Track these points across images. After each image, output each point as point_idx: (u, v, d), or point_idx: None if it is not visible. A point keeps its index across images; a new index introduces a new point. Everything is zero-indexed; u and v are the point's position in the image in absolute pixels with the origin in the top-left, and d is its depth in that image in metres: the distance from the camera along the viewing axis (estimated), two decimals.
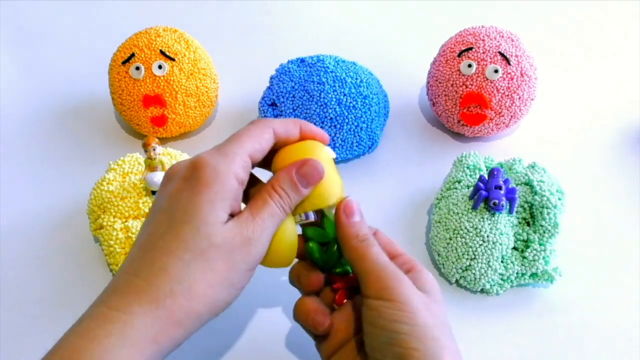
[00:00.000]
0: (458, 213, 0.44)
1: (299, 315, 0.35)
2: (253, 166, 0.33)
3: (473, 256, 0.43)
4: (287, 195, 0.32)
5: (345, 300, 0.35)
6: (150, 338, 0.28)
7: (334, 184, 0.34)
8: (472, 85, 0.51)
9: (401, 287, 0.31)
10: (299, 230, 0.35)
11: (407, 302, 0.30)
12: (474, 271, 0.43)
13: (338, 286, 0.35)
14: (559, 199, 0.44)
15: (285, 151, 0.34)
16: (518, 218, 0.44)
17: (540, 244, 0.43)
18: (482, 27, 0.53)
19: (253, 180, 0.36)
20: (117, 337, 0.27)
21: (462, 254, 0.43)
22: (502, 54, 0.51)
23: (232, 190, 0.31)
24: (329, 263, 0.35)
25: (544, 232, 0.43)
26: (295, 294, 0.37)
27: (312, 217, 0.34)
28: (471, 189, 0.46)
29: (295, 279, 0.36)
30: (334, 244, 0.34)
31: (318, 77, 0.51)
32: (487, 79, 0.50)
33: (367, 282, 0.31)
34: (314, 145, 0.34)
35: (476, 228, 0.43)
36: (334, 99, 0.50)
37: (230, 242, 0.30)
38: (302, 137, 0.35)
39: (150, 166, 0.44)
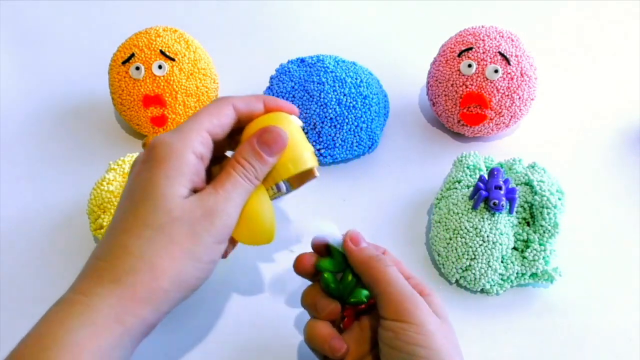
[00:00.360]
0: (458, 213, 0.44)
1: (313, 340, 0.34)
2: (218, 143, 0.33)
3: (473, 256, 0.43)
4: (251, 166, 0.32)
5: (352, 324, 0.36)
6: (112, 317, 0.28)
7: (304, 151, 0.33)
8: (472, 85, 0.51)
9: (417, 309, 0.31)
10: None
11: (424, 325, 0.30)
12: (474, 271, 0.43)
13: (348, 313, 0.35)
14: (559, 199, 0.44)
15: (250, 125, 0.34)
16: (518, 218, 0.44)
17: (540, 244, 0.43)
18: (482, 27, 0.53)
19: (225, 161, 0.36)
20: (78, 318, 0.28)
21: (462, 254, 0.43)
22: (502, 54, 0.51)
23: (189, 165, 0.31)
24: (345, 292, 0.34)
25: (544, 232, 0.43)
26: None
27: (283, 189, 0.33)
28: (471, 189, 0.46)
29: (309, 306, 0.35)
30: (348, 273, 0.34)
31: (318, 77, 0.51)
32: (487, 79, 0.50)
33: (386, 303, 0.31)
34: (279, 115, 0.34)
35: (476, 228, 0.43)
36: (334, 99, 0.50)
37: (191, 215, 0.30)
38: (267, 111, 0.34)
39: None
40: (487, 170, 0.48)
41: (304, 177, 0.35)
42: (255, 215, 0.32)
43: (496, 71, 0.50)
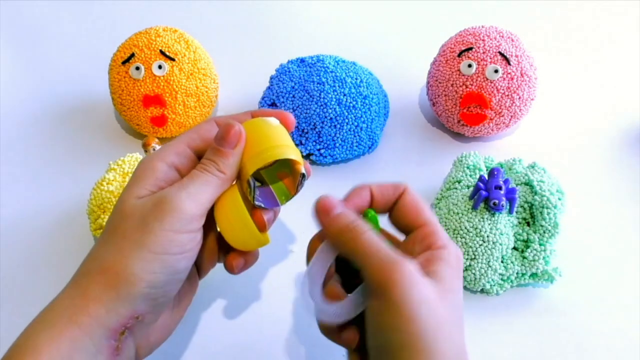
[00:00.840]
0: (458, 213, 0.44)
1: (326, 330, 0.32)
2: (202, 156, 0.33)
3: (473, 256, 0.43)
4: (210, 160, 0.32)
5: None
6: (66, 318, 0.28)
7: (278, 144, 0.32)
8: (472, 85, 0.51)
9: (394, 284, 0.26)
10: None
11: (402, 303, 0.26)
12: (474, 271, 0.43)
13: None
14: (559, 199, 0.44)
15: None
16: (518, 218, 0.44)
17: (540, 244, 0.43)
18: (482, 27, 0.53)
19: None
20: (38, 322, 0.28)
21: (462, 254, 0.43)
22: (502, 54, 0.51)
23: (155, 171, 0.31)
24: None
25: (544, 232, 0.43)
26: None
27: (252, 184, 0.32)
28: (471, 189, 0.46)
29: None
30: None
31: (318, 77, 0.51)
32: (487, 79, 0.50)
33: (364, 277, 0.28)
34: (253, 120, 0.34)
35: (476, 228, 0.43)
36: (334, 99, 0.50)
37: (142, 208, 0.30)
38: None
39: None
40: (487, 170, 0.48)
41: (294, 178, 0.34)
42: (230, 215, 0.33)
43: (496, 71, 0.50)
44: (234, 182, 0.33)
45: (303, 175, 0.33)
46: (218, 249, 0.36)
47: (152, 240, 0.29)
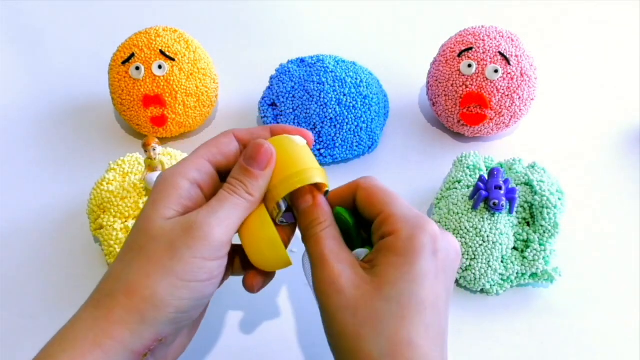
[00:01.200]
0: (458, 213, 0.44)
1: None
2: (221, 171, 0.33)
3: (473, 256, 0.43)
4: (238, 181, 0.31)
5: None
6: (90, 340, 0.27)
7: (307, 167, 0.32)
8: (472, 85, 0.51)
9: (322, 293, 0.29)
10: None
11: (324, 310, 0.29)
12: (474, 271, 0.43)
13: None
14: (559, 199, 0.44)
15: None
16: (518, 218, 0.44)
17: (540, 244, 0.43)
18: (482, 27, 0.53)
19: None
20: (60, 344, 0.27)
21: (462, 254, 0.43)
22: (502, 54, 0.51)
23: (178, 189, 0.30)
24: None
25: (544, 232, 0.43)
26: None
27: (283, 207, 0.32)
28: (471, 189, 0.46)
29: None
30: (354, 231, 0.32)
31: (318, 77, 0.51)
32: (487, 79, 0.50)
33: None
34: (279, 137, 0.33)
35: (476, 228, 0.43)
36: (334, 99, 0.50)
37: (171, 232, 0.29)
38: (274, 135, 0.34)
39: (150, 166, 0.44)
40: (487, 170, 0.48)
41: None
42: (256, 236, 0.32)
43: (496, 71, 0.50)
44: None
45: (326, 192, 0.33)
46: (241, 267, 0.35)
47: (182, 268, 0.28)
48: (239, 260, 0.35)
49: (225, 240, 0.30)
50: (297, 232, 0.45)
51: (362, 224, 0.32)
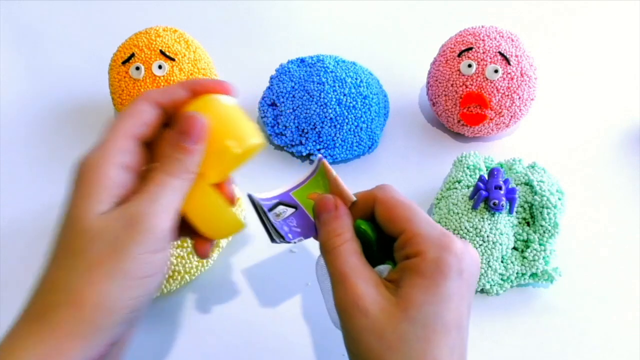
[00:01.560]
0: (458, 213, 0.44)
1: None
2: (147, 141, 0.30)
3: None
4: (174, 159, 0.28)
5: None
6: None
7: (243, 128, 0.30)
8: (472, 85, 0.51)
9: (345, 313, 0.27)
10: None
11: (347, 331, 0.27)
12: None
13: None
14: (559, 199, 0.44)
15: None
16: (518, 218, 0.44)
17: (540, 244, 0.43)
18: (482, 27, 0.53)
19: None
20: None
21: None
22: (502, 54, 0.51)
23: (107, 178, 0.27)
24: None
25: (544, 232, 0.43)
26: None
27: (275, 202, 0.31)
28: (471, 189, 0.46)
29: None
30: (375, 245, 0.31)
31: (318, 77, 0.51)
32: (487, 79, 0.50)
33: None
34: (205, 98, 0.31)
35: (476, 228, 0.43)
36: (334, 99, 0.50)
37: (111, 228, 0.26)
38: (195, 95, 0.31)
39: None
40: (487, 170, 0.48)
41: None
42: (203, 210, 0.30)
43: (496, 71, 0.50)
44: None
45: (353, 203, 0.32)
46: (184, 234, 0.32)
47: (131, 266, 0.26)
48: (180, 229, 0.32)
49: (170, 226, 0.28)
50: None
51: (382, 235, 0.31)
